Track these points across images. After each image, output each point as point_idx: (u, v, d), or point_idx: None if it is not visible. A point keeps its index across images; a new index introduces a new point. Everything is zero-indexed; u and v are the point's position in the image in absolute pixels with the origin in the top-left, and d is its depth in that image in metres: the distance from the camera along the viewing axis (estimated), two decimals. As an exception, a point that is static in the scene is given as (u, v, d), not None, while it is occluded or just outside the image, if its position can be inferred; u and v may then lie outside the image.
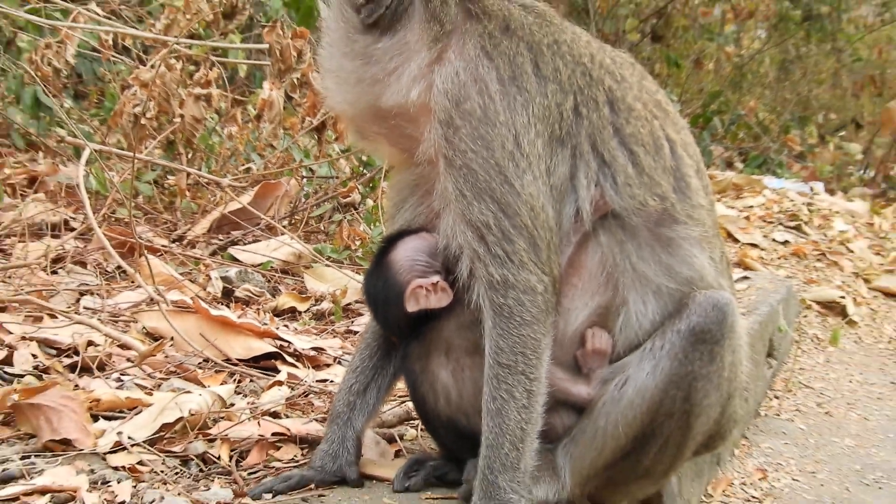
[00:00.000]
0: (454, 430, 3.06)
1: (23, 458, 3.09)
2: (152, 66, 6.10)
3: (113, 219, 5.53)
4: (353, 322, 4.96)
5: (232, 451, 3.32)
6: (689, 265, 3.00)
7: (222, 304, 4.90)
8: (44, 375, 3.73)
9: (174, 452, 3.27)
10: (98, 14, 7.01)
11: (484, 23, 2.99)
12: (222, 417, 3.53)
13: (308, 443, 3.40)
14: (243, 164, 6.42)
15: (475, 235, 2.83)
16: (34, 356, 3.89)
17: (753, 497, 5.06)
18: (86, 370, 3.87)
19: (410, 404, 3.34)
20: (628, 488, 3.19)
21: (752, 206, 9.93)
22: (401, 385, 3.29)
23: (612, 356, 3.00)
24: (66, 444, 3.19)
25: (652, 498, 3.44)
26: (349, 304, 5.12)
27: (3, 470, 2.98)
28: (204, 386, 3.81)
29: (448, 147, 2.87)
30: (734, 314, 2.94)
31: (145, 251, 5.00)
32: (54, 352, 4.00)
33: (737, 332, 2.97)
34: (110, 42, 6.92)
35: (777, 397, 6.49)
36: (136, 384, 3.81)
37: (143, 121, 5.94)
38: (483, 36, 2.96)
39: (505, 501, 2.74)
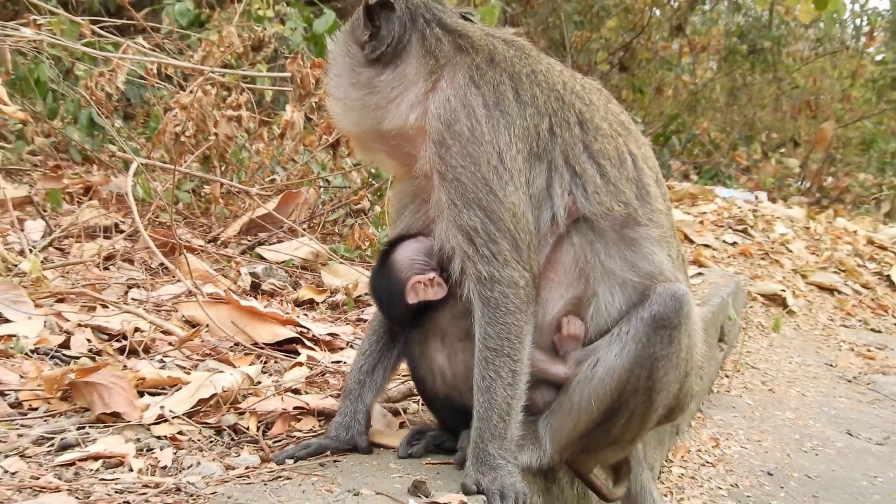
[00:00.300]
0: (450, 405, 3.05)
1: (78, 428, 3.07)
2: (191, 92, 6.09)
3: (157, 222, 5.51)
4: (362, 311, 4.95)
5: (259, 422, 3.31)
6: (650, 261, 2.99)
7: (250, 295, 4.89)
8: (97, 357, 3.72)
9: (209, 424, 3.25)
10: (144, 46, 6.99)
11: (472, 56, 2.99)
12: (251, 393, 3.52)
13: (325, 415, 3.39)
14: (269, 176, 6.40)
15: (465, 238, 2.83)
16: (88, 341, 3.88)
17: (707, 462, 5.06)
18: (133, 353, 3.86)
19: (412, 383, 3.33)
20: (600, 454, 3.19)
21: (705, 213, 9.94)
22: (403, 366, 3.28)
23: (584, 340, 2.99)
24: (116, 416, 3.17)
25: (620, 462, 3.43)
26: (359, 296, 5.12)
27: (62, 439, 2.96)
28: (235, 366, 3.80)
29: (441, 163, 2.87)
30: (689, 303, 2.94)
31: (184, 250, 4.99)
32: (106, 337, 3.99)
33: (692, 318, 2.97)
34: (155, 71, 6.92)
35: (727, 376, 6.50)
36: (177, 365, 3.80)
37: (182, 138, 5.93)
38: (471, 67, 2.96)
39: (494, 466, 2.72)
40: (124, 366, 3.64)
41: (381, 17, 3.02)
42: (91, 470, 2.79)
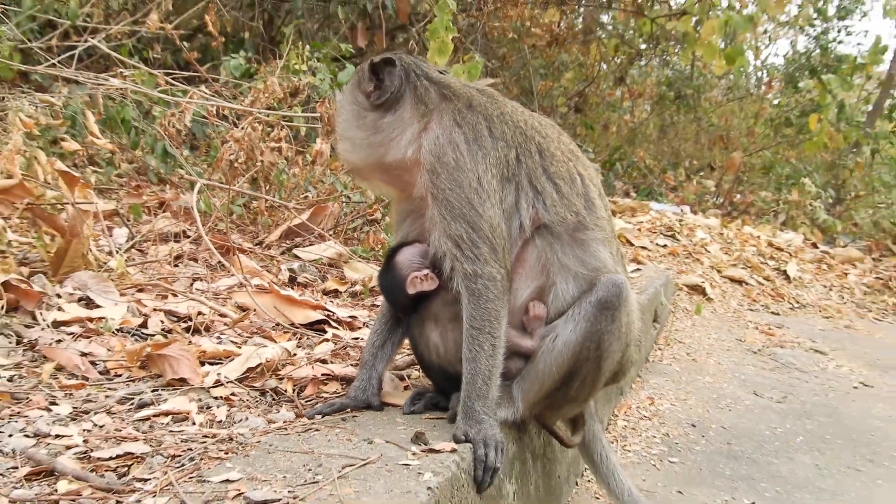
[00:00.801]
0: (444, 374, 3.04)
1: (153, 391, 3.05)
2: (242, 128, 6.07)
3: (215, 230, 5.48)
4: (375, 299, 4.93)
5: (294, 386, 3.29)
6: (596, 258, 2.99)
7: (288, 287, 4.86)
8: (168, 335, 3.69)
9: (255, 387, 3.23)
10: (206, 93, 6.97)
11: (454, 102, 3.01)
12: (288, 363, 3.49)
13: (346, 380, 3.36)
14: (303, 193, 6.37)
15: (454, 244, 2.83)
16: (162, 322, 3.85)
17: (645, 416, 5.04)
18: (196, 331, 3.83)
19: (413, 356, 3.31)
20: (561, 410, 3.18)
21: (642, 222, 9.92)
22: (406, 342, 3.26)
23: (546, 320, 2.99)
24: (183, 381, 3.15)
25: (577, 416, 3.42)
26: (373, 287, 5.09)
27: (140, 399, 2.94)
28: (276, 342, 3.77)
29: (433, 187, 2.88)
30: (627, 289, 2.96)
31: (237, 251, 4.96)
32: (175, 319, 3.96)
33: (630, 301, 2.98)
34: (214, 112, 6.90)
35: (660, 349, 6.48)
36: (231, 341, 3.77)
37: (235, 164, 5.92)
38: (454, 111, 2.98)
39: (479, 420, 2.71)
40: (189, 341, 3.62)
41: (385, 72, 3.03)
42: (162, 423, 2.77)
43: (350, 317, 4.40)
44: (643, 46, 14.64)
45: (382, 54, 3.06)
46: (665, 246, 9.16)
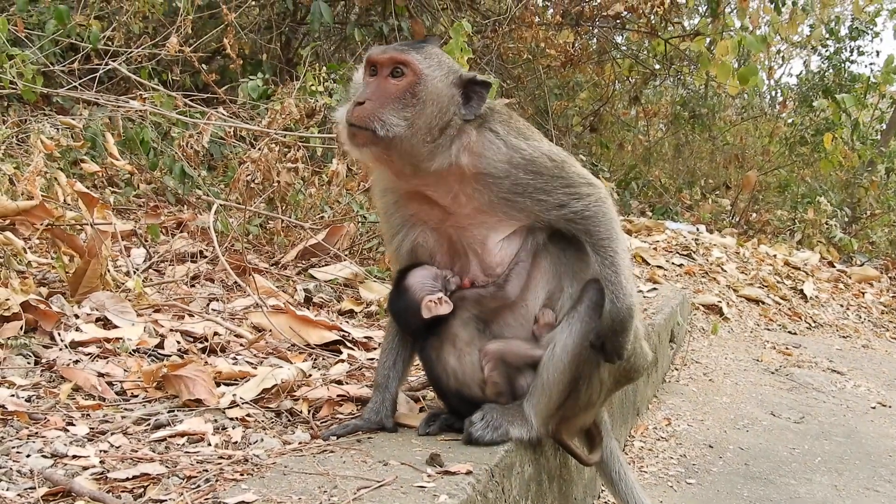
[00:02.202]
0: (460, 397, 3.02)
1: (169, 411, 3.05)
2: (259, 149, 6.10)
3: (232, 250, 5.49)
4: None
5: (310, 407, 3.28)
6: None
7: (304, 307, 4.86)
8: (184, 355, 3.69)
9: (271, 408, 3.23)
10: (224, 114, 7.01)
11: (499, 113, 3.08)
12: (303, 384, 3.49)
13: (361, 401, 3.34)
14: (319, 214, 6.38)
15: (557, 208, 3.00)
16: (178, 342, 3.86)
17: (662, 437, 5.00)
18: (213, 352, 3.83)
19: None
20: (577, 419, 3.16)
21: (658, 241, 9.87)
22: (418, 362, 3.25)
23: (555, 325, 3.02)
24: (198, 402, 3.15)
25: (593, 433, 3.39)
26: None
27: (156, 420, 2.94)
28: (291, 363, 3.77)
29: (511, 189, 2.98)
30: None
31: (253, 272, 4.96)
32: (192, 339, 3.96)
33: None
34: (232, 133, 6.94)
35: (677, 370, 6.43)
36: (246, 361, 3.77)
37: (252, 185, 5.94)
38: (503, 121, 3.04)
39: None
40: (205, 362, 3.62)
41: (477, 93, 2.97)
42: (178, 444, 2.77)
43: (365, 337, 4.39)
44: (657, 66, 14.61)
45: (484, 77, 3.01)
46: (681, 265, 9.10)
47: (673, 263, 9.10)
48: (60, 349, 3.49)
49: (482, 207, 2.97)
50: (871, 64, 15.58)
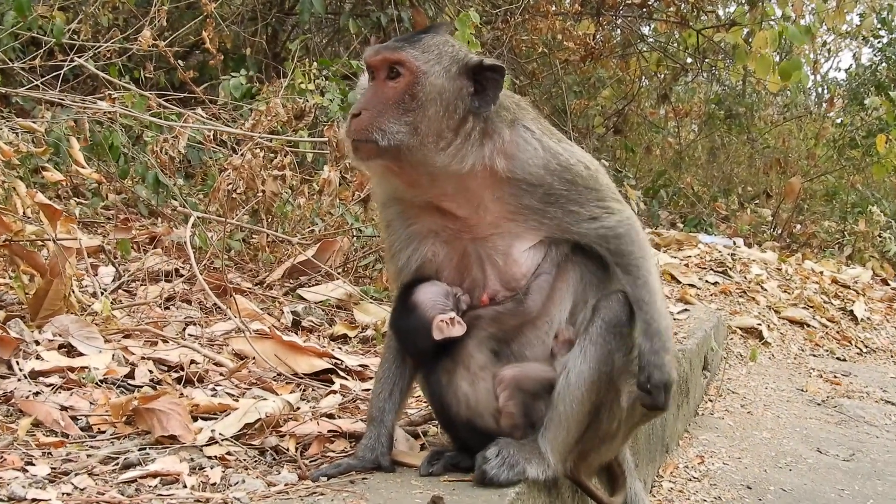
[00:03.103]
0: (471, 427, 3.02)
1: (140, 449, 3.06)
2: (242, 155, 6.13)
3: (211, 268, 5.53)
4: (390, 345, 4.93)
5: (297, 444, 3.29)
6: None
7: (292, 331, 4.88)
8: (157, 386, 3.71)
9: (254, 445, 3.24)
10: (203, 116, 7.06)
11: (527, 111, 3.14)
12: (291, 418, 3.50)
13: (356, 437, 3.36)
14: (309, 227, 6.41)
15: (590, 222, 3.08)
16: (150, 372, 3.88)
17: (694, 477, 4.99)
18: (189, 382, 3.85)
19: (429, 408, 3.31)
20: (598, 454, 3.16)
21: (689, 256, 9.87)
22: (418, 394, 3.26)
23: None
24: (173, 439, 3.16)
25: (616, 473, 3.40)
26: (386, 332, 5.10)
27: (125, 459, 2.96)
28: (277, 394, 3.78)
29: (543, 196, 3.04)
30: None
31: (233, 292, 4.98)
32: (166, 368, 3.99)
33: None
34: (211, 136, 6.98)
35: (711, 401, 6.42)
36: (227, 393, 3.79)
37: (234, 195, 5.98)
38: (533, 121, 3.09)
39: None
40: (181, 394, 3.63)
41: (490, 80, 2.94)
42: (150, 486, 2.77)
43: (360, 365, 4.40)
44: (689, 61, 14.64)
45: (492, 59, 3.00)
46: (716, 283, 9.10)
47: (707, 281, 9.09)
48: (19, 379, 3.51)
49: (508, 215, 3.01)
50: (928, 56, 15.57)
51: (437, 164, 2.91)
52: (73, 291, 4.27)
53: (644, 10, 12.81)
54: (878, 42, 15.08)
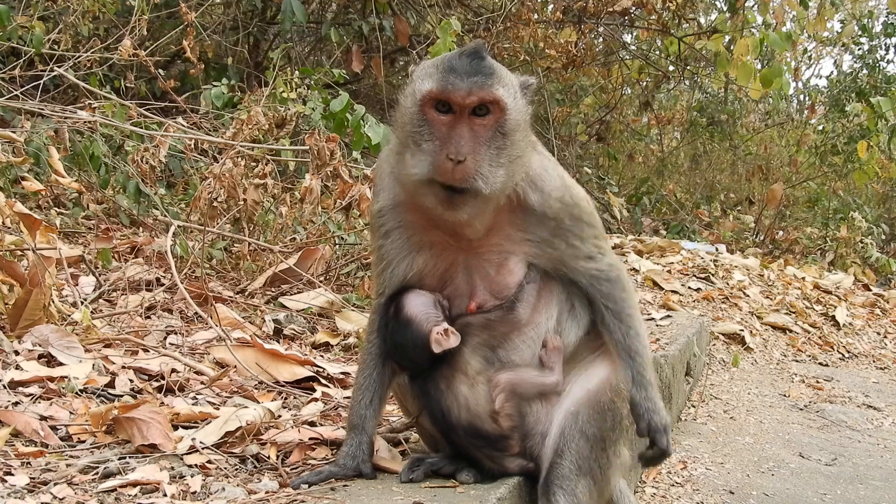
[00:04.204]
0: (472, 430, 3.05)
1: (120, 458, 3.05)
2: (223, 164, 6.13)
3: (192, 277, 5.52)
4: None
5: (278, 451, 3.29)
6: None
7: (273, 340, 4.88)
8: (138, 395, 3.70)
9: (234, 453, 3.24)
10: (184, 125, 7.07)
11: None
12: (272, 426, 3.50)
13: (337, 445, 3.36)
14: (290, 235, 6.42)
15: (586, 260, 3.15)
16: (131, 381, 3.87)
17: (677, 482, 5.01)
18: (170, 391, 3.84)
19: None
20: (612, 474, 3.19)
21: (672, 263, 9.91)
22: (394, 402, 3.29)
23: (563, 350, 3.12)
24: (153, 447, 3.15)
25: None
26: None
27: (105, 468, 2.95)
28: (258, 402, 3.78)
29: (553, 225, 3.07)
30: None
31: (214, 301, 4.98)
32: (146, 377, 3.98)
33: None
34: (193, 145, 6.98)
35: (693, 406, 6.45)
36: (208, 401, 3.79)
37: (215, 204, 5.98)
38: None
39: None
40: (161, 403, 3.63)
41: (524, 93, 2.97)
42: (130, 496, 2.77)
43: (342, 373, 4.41)
44: (671, 68, 14.74)
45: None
46: (699, 290, 9.14)
47: (689, 288, 9.14)
48: (-2, 390, 3.50)
49: (515, 240, 3.03)
50: (908, 63, 15.73)
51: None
52: (53, 301, 4.26)
53: (626, 17, 12.88)
54: (859, 49, 15.22)
